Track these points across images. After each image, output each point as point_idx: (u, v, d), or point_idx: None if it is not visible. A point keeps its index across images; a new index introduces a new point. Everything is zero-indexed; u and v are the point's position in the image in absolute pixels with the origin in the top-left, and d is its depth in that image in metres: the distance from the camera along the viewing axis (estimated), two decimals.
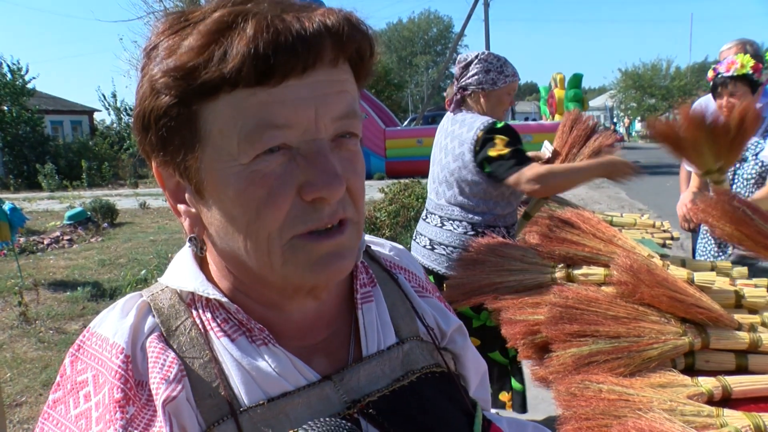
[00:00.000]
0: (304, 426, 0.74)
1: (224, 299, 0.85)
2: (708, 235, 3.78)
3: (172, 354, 0.82)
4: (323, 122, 0.76)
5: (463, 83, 3.33)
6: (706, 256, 3.65)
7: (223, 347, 0.84)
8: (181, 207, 0.86)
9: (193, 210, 0.85)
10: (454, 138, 3.32)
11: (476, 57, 3.33)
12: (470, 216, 3.30)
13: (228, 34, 0.72)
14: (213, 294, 0.85)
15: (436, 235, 3.41)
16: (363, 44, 0.81)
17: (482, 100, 3.31)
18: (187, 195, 0.84)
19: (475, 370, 1.16)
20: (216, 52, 0.72)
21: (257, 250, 0.79)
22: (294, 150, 0.76)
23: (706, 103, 4.73)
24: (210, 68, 0.72)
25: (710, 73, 3.63)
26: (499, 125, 3.15)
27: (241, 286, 0.88)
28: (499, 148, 3.07)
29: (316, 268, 0.79)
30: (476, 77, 3.28)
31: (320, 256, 0.79)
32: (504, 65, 3.30)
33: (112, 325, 0.86)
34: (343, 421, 0.75)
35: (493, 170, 3.11)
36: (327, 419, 0.75)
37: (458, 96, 3.38)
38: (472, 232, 3.27)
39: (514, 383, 3.58)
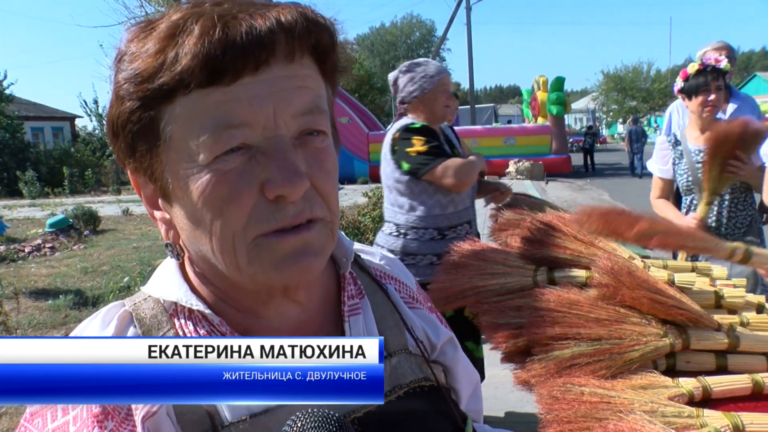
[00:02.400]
0: (293, 417, 0.73)
1: (207, 311, 0.84)
2: None
3: None
4: (283, 119, 0.76)
5: (400, 99, 3.53)
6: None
7: None
8: (158, 213, 0.86)
9: (167, 216, 0.85)
10: (384, 144, 3.54)
11: (400, 72, 3.53)
12: (397, 216, 3.44)
13: (179, 36, 0.73)
14: (196, 305, 0.84)
15: (377, 237, 3.61)
16: (322, 37, 0.80)
17: (420, 106, 3.47)
18: (159, 200, 0.84)
19: (467, 381, 1.14)
20: (169, 55, 0.72)
21: (223, 251, 0.78)
22: (254, 148, 0.76)
23: (681, 105, 4.74)
24: (164, 71, 0.72)
25: (694, 67, 3.60)
26: (416, 126, 3.37)
27: (218, 293, 0.87)
28: (417, 147, 3.29)
29: (282, 266, 0.78)
30: (406, 89, 3.47)
31: (285, 254, 0.78)
32: (426, 68, 3.48)
33: (96, 330, 0.85)
34: (332, 413, 0.74)
35: (411, 166, 3.30)
36: (315, 410, 0.73)
37: (401, 110, 3.56)
38: (396, 233, 3.44)
39: None
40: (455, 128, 3.96)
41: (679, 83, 3.66)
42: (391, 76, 3.60)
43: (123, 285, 7.89)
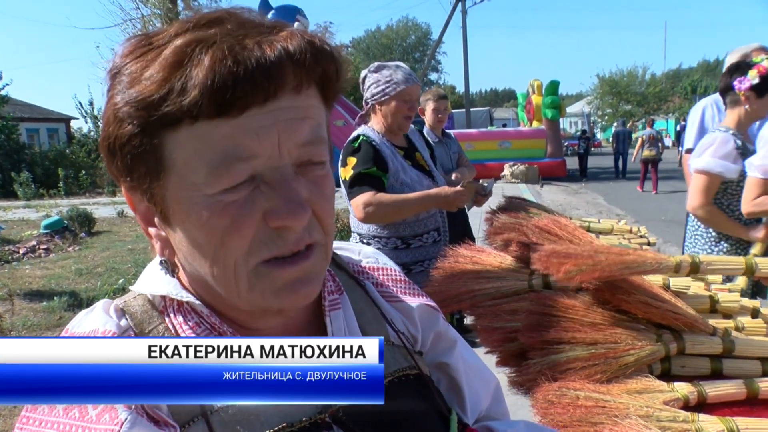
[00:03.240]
0: None
1: (197, 302, 0.85)
2: (698, 226, 3.73)
3: None
4: (286, 148, 0.76)
5: (364, 99, 3.45)
6: (697, 251, 3.63)
7: None
8: (152, 230, 0.87)
9: (163, 233, 0.85)
10: None
11: (369, 71, 3.43)
12: (359, 226, 3.40)
13: (187, 65, 0.72)
14: (186, 297, 0.85)
15: None
16: (329, 68, 0.81)
17: (379, 111, 3.39)
18: (156, 219, 0.85)
19: (482, 384, 1.15)
20: (176, 85, 0.71)
21: (224, 277, 0.79)
22: (258, 178, 0.76)
23: (715, 102, 4.60)
24: (170, 101, 0.71)
25: None
26: (357, 144, 3.27)
27: (210, 304, 0.88)
28: (347, 170, 3.23)
29: (282, 294, 0.80)
30: (370, 91, 3.38)
31: (285, 283, 0.79)
32: (393, 74, 3.35)
33: (99, 318, 0.86)
34: None
35: (344, 189, 3.26)
36: None
37: (364, 111, 3.49)
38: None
39: None
40: (451, 131, 3.90)
41: (754, 79, 3.41)
42: (362, 73, 3.51)
43: (118, 287, 7.87)
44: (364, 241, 3.34)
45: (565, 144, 31.24)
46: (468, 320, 3.37)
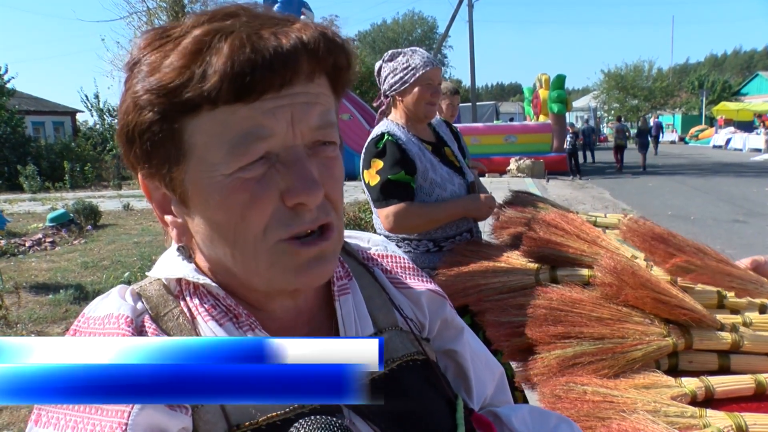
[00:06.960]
0: (296, 425, 0.75)
1: (213, 284, 0.88)
2: None
3: (164, 336, 0.85)
4: (299, 129, 0.79)
5: (382, 91, 3.16)
6: None
7: (211, 331, 0.87)
8: (168, 218, 0.88)
9: (180, 220, 0.87)
10: None
11: (383, 61, 3.16)
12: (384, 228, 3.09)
13: (207, 54, 0.75)
14: (203, 280, 0.88)
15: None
16: (340, 58, 0.84)
17: (400, 102, 3.10)
18: (173, 206, 0.87)
19: (487, 372, 1.16)
20: (196, 71, 0.74)
21: (243, 254, 0.81)
22: (273, 157, 0.79)
23: None
24: (191, 87, 0.74)
25: None
26: (382, 143, 2.97)
27: (227, 286, 0.89)
28: (371, 174, 2.95)
29: (301, 271, 0.82)
30: (388, 82, 3.09)
31: (304, 261, 0.82)
32: (410, 59, 3.06)
33: (114, 302, 0.88)
34: (334, 419, 0.75)
35: (366, 192, 3.04)
36: (318, 417, 0.75)
37: (383, 105, 3.20)
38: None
39: None
40: (457, 125, 3.70)
41: None
42: (376, 65, 3.21)
43: (123, 280, 7.88)
44: (393, 241, 2.92)
45: None
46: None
